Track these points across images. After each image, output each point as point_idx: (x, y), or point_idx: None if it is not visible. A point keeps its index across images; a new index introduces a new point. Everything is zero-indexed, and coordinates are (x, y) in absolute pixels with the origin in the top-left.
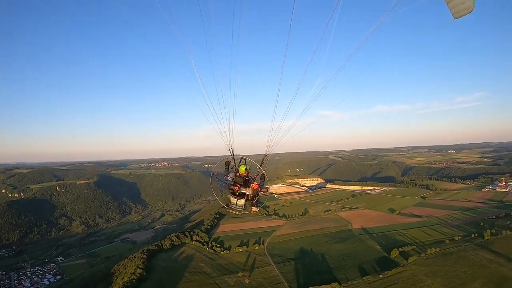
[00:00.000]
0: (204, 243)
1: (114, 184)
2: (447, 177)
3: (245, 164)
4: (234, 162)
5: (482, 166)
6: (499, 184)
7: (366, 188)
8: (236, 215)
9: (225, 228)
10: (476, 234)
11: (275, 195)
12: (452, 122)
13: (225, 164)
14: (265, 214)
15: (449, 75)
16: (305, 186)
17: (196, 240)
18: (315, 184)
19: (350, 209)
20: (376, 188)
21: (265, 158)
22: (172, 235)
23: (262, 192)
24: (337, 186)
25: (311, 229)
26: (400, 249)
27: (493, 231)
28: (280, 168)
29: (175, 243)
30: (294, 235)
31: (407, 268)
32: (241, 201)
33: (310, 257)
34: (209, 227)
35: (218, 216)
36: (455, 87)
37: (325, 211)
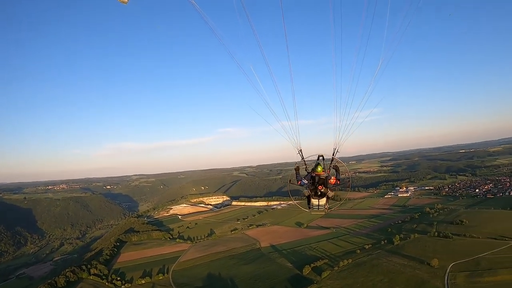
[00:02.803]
0: (103, 277)
1: (7, 211)
2: (350, 187)
3: (322, 162)
4: (305, 164)
5: (383, 174)
6: (400, 189)
7: (272, 203)
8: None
9: (126, 257)
10: (386, 240)
11: (179, 216)
12: (352, 135)
13: (295, 170)
14: (169, 238)
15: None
16: (211, 204)
17: (95, 274)
18: (220, 202)
19: (257, 226)
20: (282, 202)
21: (335, 150)
22: (67, 270)
23: (338, 182)
24: (243, 203)
25: (218, 251)
26: (313, 265)
27: (402, 235)
28: (184, 186)
29: (71, 279)
30: (200, 260)
31: (321, 284)
32: (323, 201)
33: (219, 283)
34: (108, 257)
35: (118, 243)
36: (355, 104)
37: (232, 231)
